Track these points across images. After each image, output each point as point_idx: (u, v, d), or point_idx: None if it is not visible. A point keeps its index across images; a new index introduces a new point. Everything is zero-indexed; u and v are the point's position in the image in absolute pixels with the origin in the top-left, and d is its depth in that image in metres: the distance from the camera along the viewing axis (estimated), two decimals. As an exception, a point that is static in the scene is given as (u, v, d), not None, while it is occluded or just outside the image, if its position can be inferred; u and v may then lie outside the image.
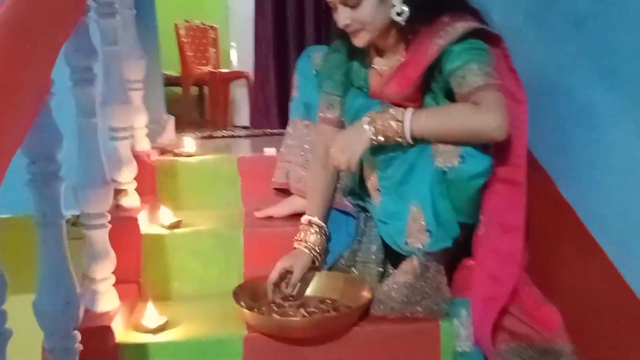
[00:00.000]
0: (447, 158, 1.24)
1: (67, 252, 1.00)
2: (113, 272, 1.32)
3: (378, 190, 1.36)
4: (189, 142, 1.91)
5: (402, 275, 1.31)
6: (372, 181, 1.38)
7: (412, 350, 1.31)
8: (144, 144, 1.82)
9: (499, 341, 1.27)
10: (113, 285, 1.32)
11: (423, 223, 1.27)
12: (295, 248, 1.42)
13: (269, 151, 1.91)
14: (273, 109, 3.10)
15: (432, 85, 1.33)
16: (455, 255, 1.38)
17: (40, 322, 1.00)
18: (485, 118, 1.21)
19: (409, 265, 1.30)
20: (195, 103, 5.15)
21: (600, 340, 1.20)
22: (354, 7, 1.27)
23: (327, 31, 3.06)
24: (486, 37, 1.28)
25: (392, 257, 1.43)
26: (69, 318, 1.00)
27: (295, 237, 1.43)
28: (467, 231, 1.35)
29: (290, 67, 3.10)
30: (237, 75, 4.91)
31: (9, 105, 0.79)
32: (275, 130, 2.88)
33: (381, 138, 1.26)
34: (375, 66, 1.41)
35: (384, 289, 1.33)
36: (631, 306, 1.07)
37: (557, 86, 1.35)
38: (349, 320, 1.30)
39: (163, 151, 1.94)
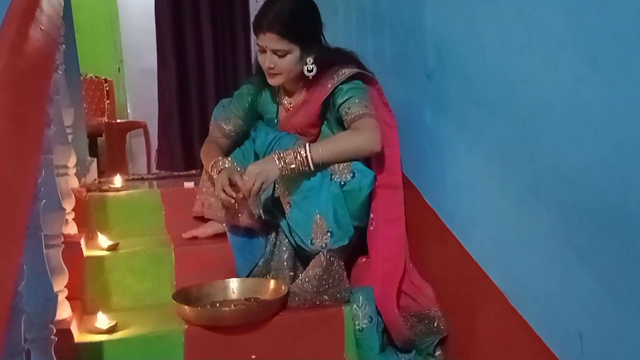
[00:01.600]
0: (342, 174, 1.61)
1: (45, 259, 1.24)
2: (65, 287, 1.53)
3: (289, 203, 1.70)
4: (117, 179, 2.15)
5: (311, 269, 1.65)
6: (284, 197, 1.72)
7: (322, 332, 1.64)
8: (74, 182, 2.04)
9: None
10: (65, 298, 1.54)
11: (325, 226, 1.62)
12: (218, 170, 1.72)
13: (188, 185, 2.19)
14: (178, 152, 3.36)
15: (327, 115, 1.76)
16: (351, 254, 1.75)
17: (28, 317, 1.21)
18: (363, 137, 1.63)
19: (317, 261, 1.64)
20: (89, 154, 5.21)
21: (456, 303, 1.60)
22: (280, 56, 1.67)
23: (225, 78, 3.42)
24: (365, 79, 1.74)
25: (301, 263, 1.76)
26: (49, 312, 1.22)
27: (212, 166, 1.75)
28: (359, 235, 1.72)
29: (193, 112, 3.41)
30: (135, 125, 5.10)
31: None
32: (182, 173, 3.13)
33: (288, 170, 1.61)
34: (284, 102, 1.83)
35: (298, 282, 1.66)
36: (476, 273, 1.48)
37: (413, 118, 1.78)
38: (270, 310, 1.61)
39: (89, 189, 2.16)
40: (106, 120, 5.13)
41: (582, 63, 1.09)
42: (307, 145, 1.63)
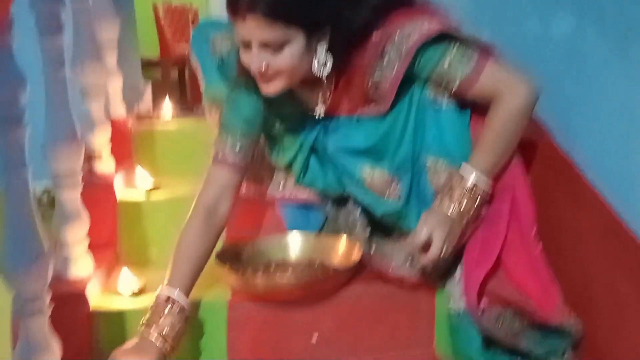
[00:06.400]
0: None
1: (33, 204, 0.92)
2: (88, 235, 1.24)
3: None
4: (167, 106, 1.82)
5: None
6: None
7: (405, 311, 1.25)
8: (119, 110, 1.74)
9: (491, 306, 1.20)
10: (87, 251, 1.25)
11: None
12: (141, 334, 1.07)
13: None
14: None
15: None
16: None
17: (8, 281, 0.91)
18: (512, 101, 1.11)
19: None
20: (176, 85, 5.02)
21: (599, 292, 1.15)
22: (274, 51, 1.08)
23: None
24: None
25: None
26: (38, 274, 0.91)
27: (146, 319, 1.08)
28: None
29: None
30: (219, 54, 4.81)
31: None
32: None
33: (466, 216, 1.15)
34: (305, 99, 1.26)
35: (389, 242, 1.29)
36: (631, 252, 1.02)
37: (547, 35, 1.29)
38: (338, 280, 1.23)
39: (140, 118, 1.85)
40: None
41: None
42: (464, 168, 1.16)
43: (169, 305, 1.08)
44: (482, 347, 1.17)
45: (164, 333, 1.06)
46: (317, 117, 1.24)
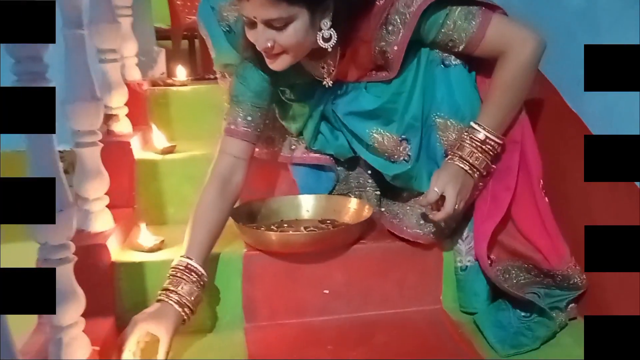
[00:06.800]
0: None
1: (58, 160, 0.96)
2: (106, 194, 1.28)
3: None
4: (181, 71, 1.85)
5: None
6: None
7: (413, 267, 1.29)
8: (134, 74, 1.77)
9: (499, 259, 1.25)
10: (107, 208, 1.29)
11: None
12: (160, 299, 1.10)
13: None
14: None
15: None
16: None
17: (34, 232, 0.95)
18: (519, 55, 1.14)
19: None
20: (186, 56, 5.00)
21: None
22: (279, 28, 1.09)
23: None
24: None
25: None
26: (63, 225, 0.96)
27: (164, 286, 1.12)
28: None
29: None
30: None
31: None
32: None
33: (478, 172, 1.17)
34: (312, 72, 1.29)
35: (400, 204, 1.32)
36: (636, 201, 1.05)
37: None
38: (349, 236, 1.27)
39: (154, 83, 1.88)
40: (200, 18, 4.86)
41: None
42: (473, 126, 1.18)
43: (187, 273, 1.12)
44: (487, 302, 1.22)
45: (182, 300, 1.10)
46: (325, 86, 1.27)
